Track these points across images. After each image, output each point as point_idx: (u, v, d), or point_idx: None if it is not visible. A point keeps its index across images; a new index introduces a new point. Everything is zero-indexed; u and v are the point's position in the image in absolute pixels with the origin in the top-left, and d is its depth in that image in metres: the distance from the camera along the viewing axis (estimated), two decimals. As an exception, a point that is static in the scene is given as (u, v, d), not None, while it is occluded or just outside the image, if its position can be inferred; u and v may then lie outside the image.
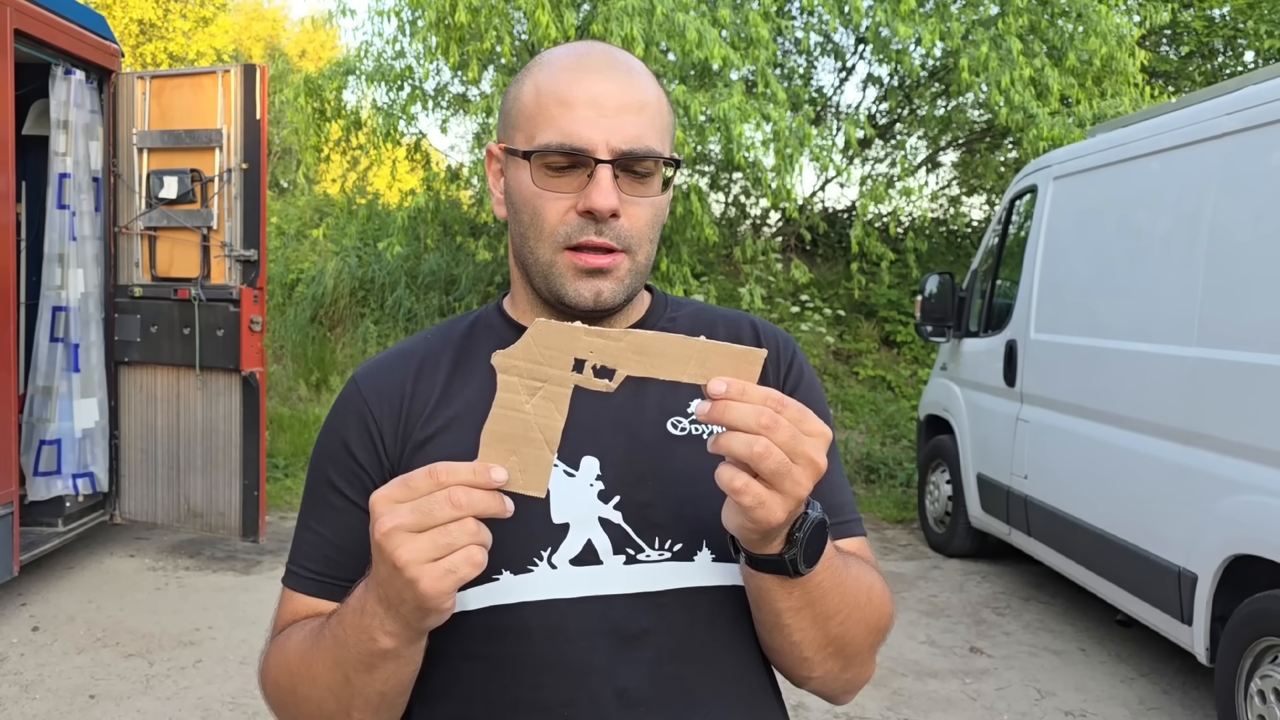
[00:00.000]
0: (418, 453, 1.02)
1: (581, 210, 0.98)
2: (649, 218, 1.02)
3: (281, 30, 23.70)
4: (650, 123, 1.01)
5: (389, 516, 0.82)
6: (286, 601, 1.07)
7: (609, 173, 0.97)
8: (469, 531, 0.81)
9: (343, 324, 9.78)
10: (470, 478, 0.82)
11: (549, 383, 0.85)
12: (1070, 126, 7.74)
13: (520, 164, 1.02)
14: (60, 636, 4.37)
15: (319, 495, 1.07)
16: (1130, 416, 4.05)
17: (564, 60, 1.03)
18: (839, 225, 10.62)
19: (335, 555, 1.05)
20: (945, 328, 5.97)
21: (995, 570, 5.74)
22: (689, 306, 1.18)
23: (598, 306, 1.01)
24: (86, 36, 5.09)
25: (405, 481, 0.83)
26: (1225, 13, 11.21)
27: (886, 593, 1.07)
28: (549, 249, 1.01)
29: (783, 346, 1.14)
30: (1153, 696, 4.08)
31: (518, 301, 1.12)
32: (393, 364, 1.10)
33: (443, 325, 1.16)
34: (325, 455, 1.08)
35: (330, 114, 8.76)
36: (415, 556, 0.81)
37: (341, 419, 1.08)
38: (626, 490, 1.01)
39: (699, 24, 6.85)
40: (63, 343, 5.15)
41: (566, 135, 0.98)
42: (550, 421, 0.85)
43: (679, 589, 1.00)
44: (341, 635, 0.92)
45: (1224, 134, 3.65)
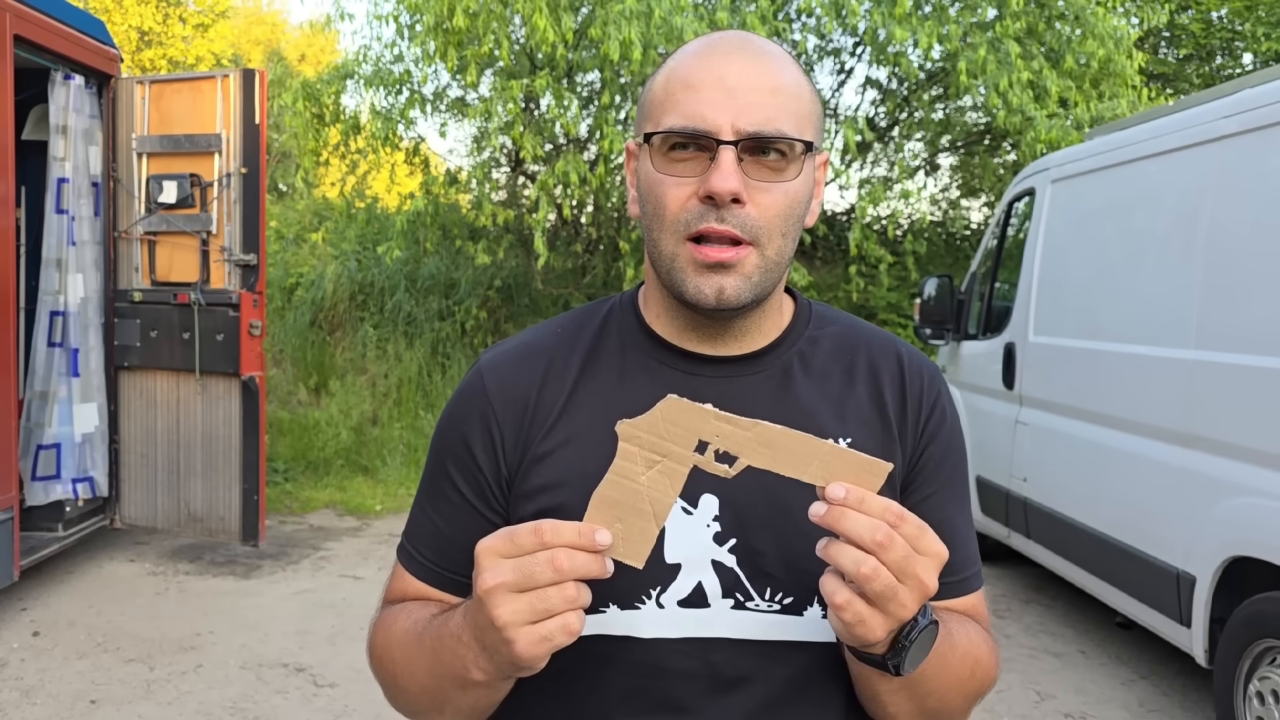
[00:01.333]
0: (536, 466, 1.00)
1: (703, 195, 0.92)
2: (781, 207, 0.94)
3: (281, 34, 23.72)
4: (784, 106, 0.94)
5: (492, 573, 0.82)
6: (399, 576, 1.08)
7: (732, 154, 0.91)
8: (568, 598, 0.81)
9: (342, 328, 9.79)
10: (575, 539, 0.82)
11: (668, 459, 0.84)
12: (1068, 129, 7.75)
13: (646, 152, 0.97)
14: (61, 641, 4.37)
15: (437, 483, 1.06)
16: (1129, 419, 4.05)
17: (695, 47, 0.99)
18: (838, 228, 10.63)
19: (446, 547, 1.05)
20: (944, 330, 5.97)
21: (995, 573, 5.74)
22: (835, 325, 1.10)
23: (720, 305, 0.95)
24: (86, 41, 5.10)
25: (511, 536, 0.83)
26: (1223, 15, 11.22)
27: (992, 657, 1.05)
28: (671, 239, 0.95)
29: (927, 384, 1.08)
30: (1152, 699, 4.08)
31: (650, 302, 1.07)
32: (521, 361, 1.06)
33: (575, 317, 1.11)
34: (446, 447, 1.06)
35: (329, 118, 8.77)
36: (514, 619, 0.81)
37: (465, 413, 1.05)
38: (743, 534, 0.97)
39: (697, 27, 6.87)
40: (61, 347, 5.15)
41: (689, 117, 0.93)
42: (662, 496, 0.85)
43: (784, 641, 0.98)
44: (439, 650, 0.93)
45: (1222, 136, 3.65)
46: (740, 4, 7.90)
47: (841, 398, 1.04)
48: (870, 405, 1.04)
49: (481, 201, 8.35)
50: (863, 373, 1.06)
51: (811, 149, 0.96)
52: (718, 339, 1.02)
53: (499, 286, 9.57)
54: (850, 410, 1.04)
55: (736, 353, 1.03)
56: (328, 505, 7.01)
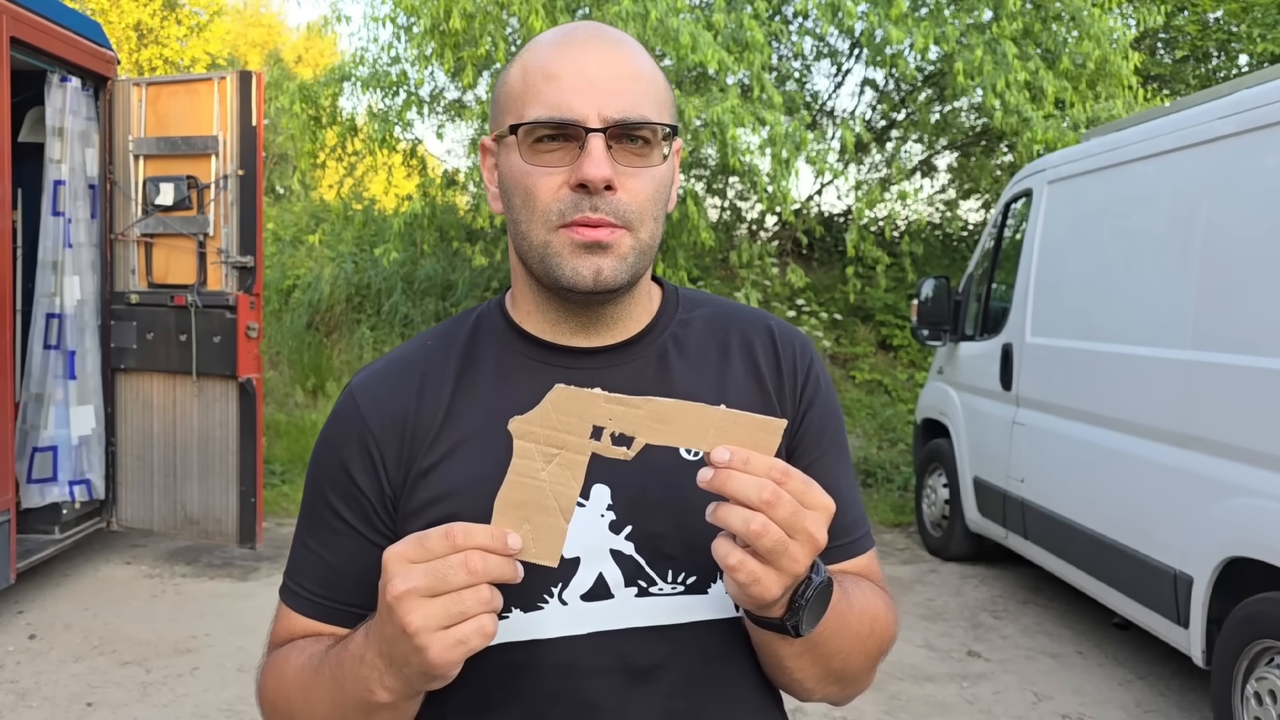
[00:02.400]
0: (422, 480, 0.99)
1: (574, 183, 0.92)
2: (650, 191, 0.95)
3: (279, 36, 23.71)
4: (645, 92, 0.95)
5: (402, 578, 0.80)
6: (284, 617, 1.05)
7: (601, 142, 0.91)
8: (482, 599, 0.80)
9: (339, 330, 9.78)
10: (487, 542, 0.81)
11: (565, 449, 0.84)
12: (1065, 130, 7.75)
13: (509, 145, 0.96)
14: (57, 644, 4.37)
15: (317, 514, 1.04)
16: (1126, 420, 4.06)
17: (551, 38, 0.98)
18: (835, 229, 10.63)
19: (333, 578, 1.02)
20: (941, 331, 5.97)
21: (992, 574, 5.74)
22: (704, 307, 1.11)
23: (598, 286, 0.94)
24: (82, 44, 5.09)
25: (420, 541, 0.81)
26: (1219, 16, 11.24)
27: (890, 614, 1.06)
28: (542, 229, 0.94)
29: (799, 352, 1.09)
30: (1150, 699, 4.08)
31: (519, 300, 1.06)
32: (394, 378, 1.04)
33: (443, 330, 1.10)
34: (324, 474, 1.03)
35: (326, 121, 8.77)
36: (426, 624, 0.79)
37: (340, 437, 1.03)
38: (639, 520, 0.97)
39: (693, 28, 6.87)
40: (58, 350, 5.15)
41: (554, 107, 0.92)
42: (566, 489, 0.84)
43: (692, 623, 0.98)
44: (340, 678, 0.90)
45: (1218, 137, 3.66)
46: (736, 4, 7.91)
47: (719, 375, 1.04)
48: (748, 378, 1.05)
49: (479, 203, 8.35)
50: (737, 349, 1.07)
51: (675, 133, 0.97)
52: (591, 329, 1.02)
53: (496, 288, 9.56)
54: (730, 386, 1.04)
55: (610, 342, 1.03)
56: (325, 507, 6.99)
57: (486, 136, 1.04)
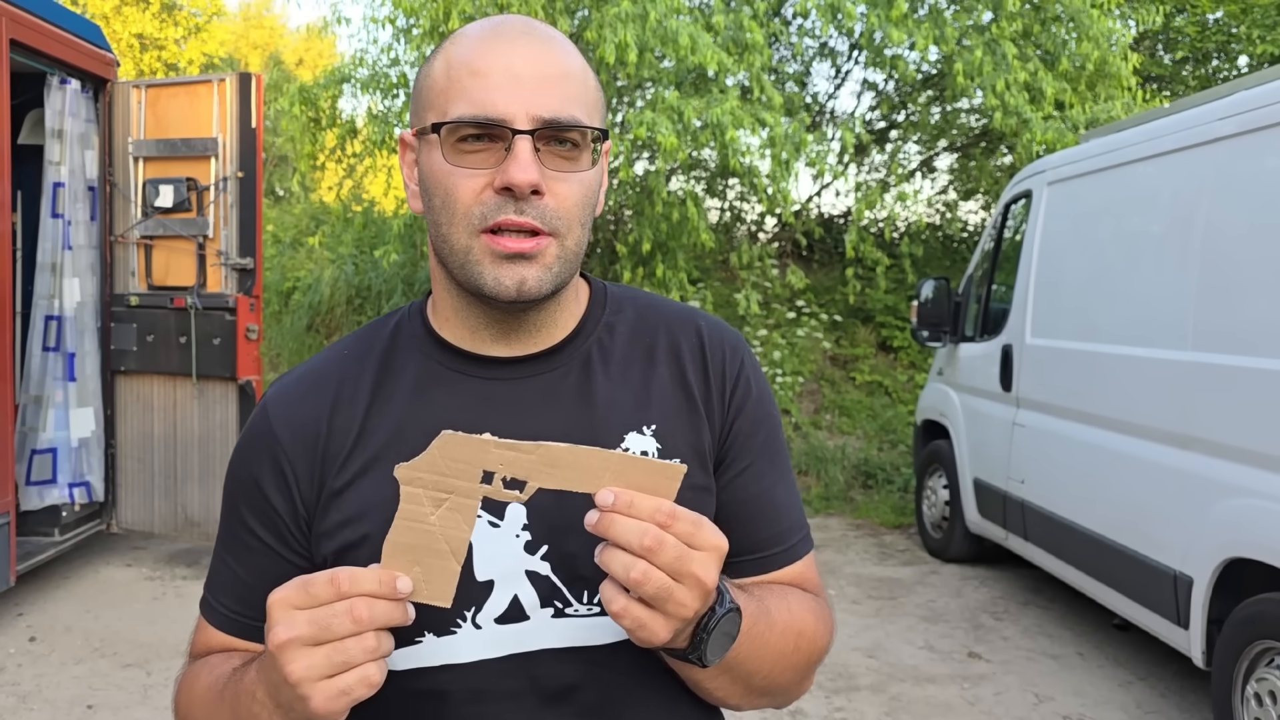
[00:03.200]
0: (334, 500, 0.96)
1: (499, 187, 0.88)
2: (578, 197, 0.92)
3: (279, 39, 23.73)
4: (575, 93, 0.91)
5: (285, 626, 0.78)
6: (201, 630, 1.04)
7: (528, 144, 0.87)
8: (367, 649, 0.78)
9: (339, 332, 9.78)
10: (374, 588, 0.79)
11: (455, 494, 0.81)
12: (1064, 131, 7.76)
13: (430, 143, 0.92)
14: (58, 647, 4.37)
15: (232, 529, 1.01)
16: (1126, 421, 4.06)
17: (477, 31, 0.94)
18: (835, 230, 10.64)
19: (247, 595, 0.99)
20: (941, 333, 5.97)
21: (993, 575, 5.74)
22: (631, 306, 1.06)
23: (521, 296, 0.91)
24: (82, 46, 5.09)
25: (305, 586, 0.79)
26: (1219, 17, 11.24)
27: (821, 624, 1.02)
28: (464, 232, 0.90)
29: (729, 355, 1.05)
30: (1150, 700, 4.08)
31: (439, 305, 1.01)
32: (306, 392, 1.00)
33: (361, 336, 1.05)
34: (238, 489, 1.01)
35: (325, 123, 8.77)
36: (308, 674, 0.78)
37: (254, 454, 1.00)
38: (555, 540, 0.94)
39: (692, 29, 6.87)
40: (57, 352, 5.15)
41: (480, 106, 0.88)
42: (457, 533, 0.82)
43: (607, 644, 0.95)
44: (236, 708, 0.89)
45: (1217, 138, 3.66)
46: (736, 7, 7.91)
47: (644, 383, 1.01)
48: (674, 386, 1.01)
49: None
50: (664, 353, 1.03)
51: (605, 136, 0.94)
52: (512, 336, 0.99)
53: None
54: (654, 395, 1.00)
55: (533, 350, 0.99)
56: (325, 509, 7.00)
57: (405, 130, 0.99)
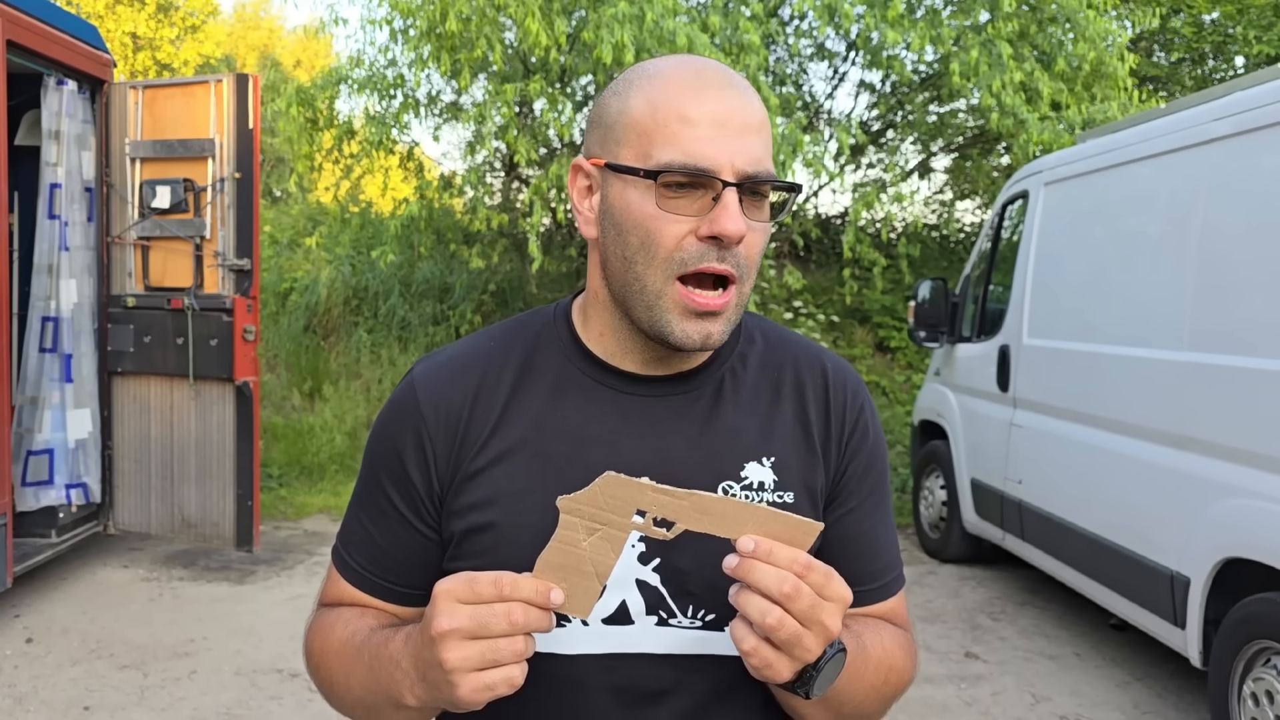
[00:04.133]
0: (468, 483, 1.02)
1: (705, 235, 0.93)
2: (761, 245, 0.98)
3: (276, 39, 23.70)
4: (766, 145, 0.96)
5: (448, 617, 0.84)
6: (334, 580, 1.10)
7: (735, 196, 0.92)
8: (515, 651, 0.84)
9: (336, 333, 9.77)
10: (531, 596, 0.85)
11: (609, 526, 0.87)
12: (1061, 132, 7.77)
13: (630, 182, 0.95)
14: (54, 648, 4.36)
15: (371, 493, 1.07)
16: (1123, 421, 4.06)
17: (680, 75, 0.97)
18: (832, 231, 10.64)
19: (380, 557, 1.06)
20: (939, 333, 5.98)
21: (990, 575, 5.75)
22: (762, 337, 1.12)
23: (706, 347, 0.97)
24: (79, 47, 5.09)
25: (470, 583, 0.85)
26: (1215, 18, 11.25)
27: (908, 659, 1.08)
28: (661, 276, 0.95)
29: (850, 400, 1.10)
30: (1147, 700, 4.09)
31: (592, 321, 1.05)
32: (454, 375, 1.06)
33: (506, 329, 1.11)
34: (379, 458, 1.07)
35: (323, 123, 8.76)
36: (462, 665, 0.84)
37: (398, 426, 1.05)
38: (667, 554, 1.00)
39: (689, 30, 6.87)
40: (54, 353, 5.14)
41: (691, 155, 0.92)
42: (604, 559, 0.88)
43: (705, 655, 1.00)
44: (376, 670, 0.95)
45: (1214, 139, 3.66)
46: (733, 8, 7.91)
47: (768, 416, 1.06)
48: (795, 423, 1.07)
49: (476, 206, 8.35)
50: (789, 389, 1.08)
51: (796, 190, 0.99)
52: (660, 363, 1.04)
53: (493, 291, 9.56)
54: (776, 429, 1.06)
55: (671, 372, 1.04)
56: (322, 510, 7.00)
57: (582, 157, 1.03)
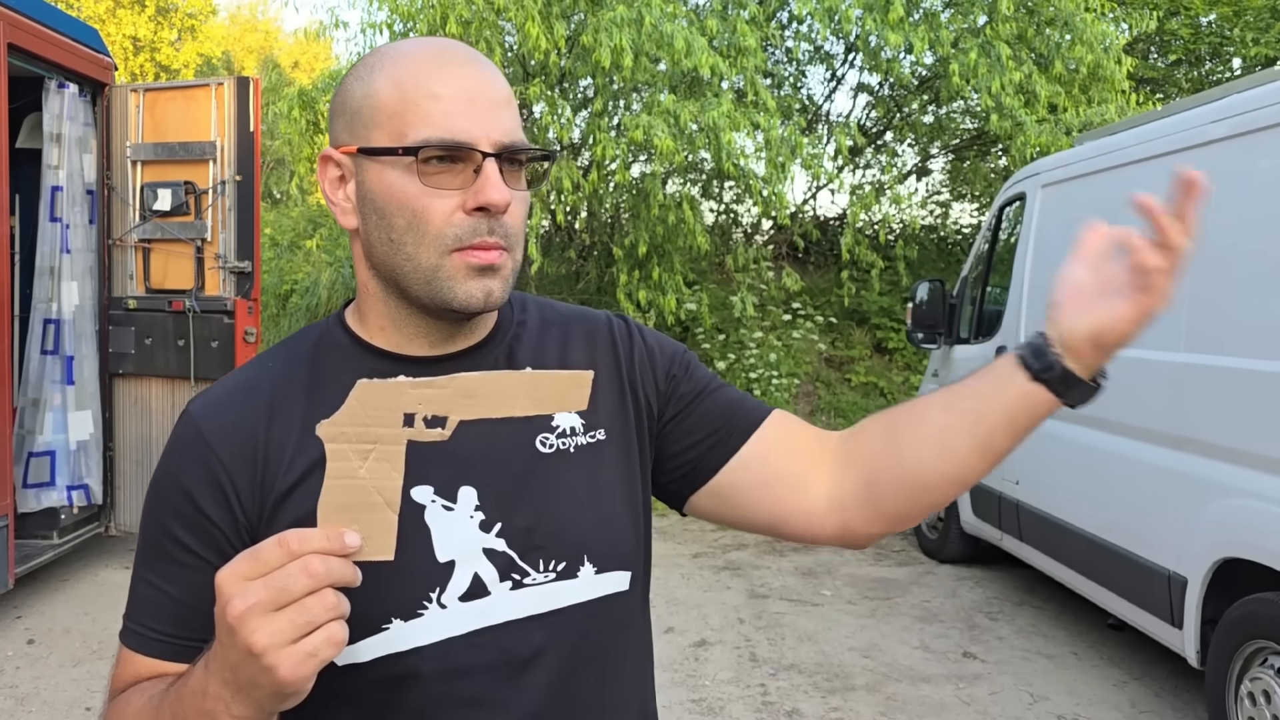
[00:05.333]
0: (282, 505, 0.95)
1: (472, 208, 0.93)
2: (523, 214, 0.99)
3: (276, 42, 23.72)
4: (515, 118, 0.97)
5: (241, 597, 0.76)
6: (127, 661, 0.97)
7: (495, 166, 0.92)
8: (328, 605, 0.76)
9: (336, 334, 9.78)
10: (324, 544, 0.77)
11: (380, 443, 0.82)
12: (1058, 134, 7.79)
13: (387, 164, 0.94)
14: (56, 649, 4.37)
15: (160, 549, 0.97)
16: (1119, 421, 4.08)
17: (422, 54, 0.96)
18: (830, 233, 10.67)
19: (183, 614, 0.95)
20: (936, 335, 6.00)
21: (988, 575, 5.76)
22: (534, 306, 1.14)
23: (489, 306, 0.96)
24: (80, 50, 5.11)
25: (254, 555, 0.77)
26: (1212, 20, 11.28)
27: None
28: (434, 252, 0.94)
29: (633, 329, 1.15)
30: (1145, 700, 4.10)
31: (370, 316, 1.03)
32: (240, 403, 0.99)
33: (281, 350, 1.06)
34: (166, 506, 0.97)
35: (324, 126, 8.79)
36: (274, 640, 0.75)
37: (183, 467, 0.97)
38: (507, 516, 0.98)
39: (687, 33, 6.90)
40: (56, 355, 5.16)
41: (447, 130, 0.92)
42: (388, 482, 0.82)
43: (566, 607, 1.00)
44: (181, 715, 0.85)
45: (1210, 141, 3.68)
46: (731, 11, 7.93)
47: (563, 365, 1.08)
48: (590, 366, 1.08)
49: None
50: (577, 339, 1.11)
51: (551, 159, 1.01)
52: (448, 341, 1.03)
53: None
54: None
55: (459, 349, 1.04)
56: (322, 512, 7.01)
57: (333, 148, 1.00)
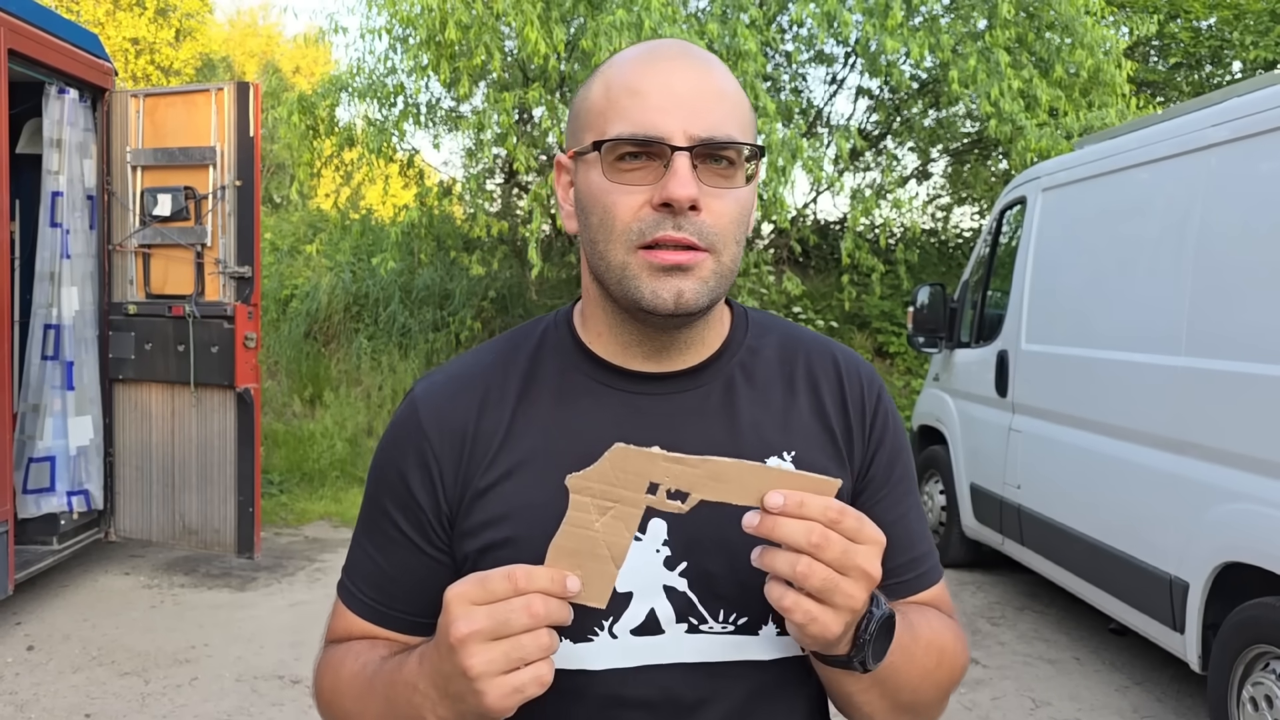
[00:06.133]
0: (479, 500, 0.98)
1: (657, 203, 0.90)
2: (733, 214, 0.93)
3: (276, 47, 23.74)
4: (731, 111, 0.93)
5: (465, 621, 0.80)
6: (340, 614, 1.05)
7: (687, 161, 0.89)
8: (542, 645, 0.80)
9: (337, 339, 9.79)
10: (548, 585, 0.81)
11: (621, 503, 0.84)
12: (1058, 138, 7.79)
13: (589, 163, 0.94)
14: (55, 655, 4.37)
15: (375, 520, 1.04)
16: (1121, 426, 4.07)
17: (635, 54, 0.96)
18: (831, 237, 10.67)
19: (388, 585, 1.02)
20: (937, 339, 5.99)
21: (989, 580, 5.76)
22: (773, 333, 1.09)
23: (679, 309, 0.92)
24: (80, 55, 5.11)
25: (483, 582, 0.82)
26: (1212, 23, 11.29)
27: (959, 644, 1.05)
28: (621, 249, 0.92)
29: (867, 388, 1.07)
30: (1147, 704, 4.09)
31: (590, 320, 1.03)
32: (456, 392, 1.03)
33: (507, 341, 1.08)
34: (382, 483, 1.03)
35: (323, 131, 8.79)
36: (487, 669, 0.80)
37: (400, 448, 1.02)
38: (694, 558, 0.96)
39: (686, 37, 6.90)
40: (56, 360, 5.15)
41: (639, 125, 0.90)
42: (618, 539, 0.84)
43: (740, 662, 0.97)
44: (392, 698, 0.91)
45: (1210, 145, 3.68)
46: (731, 15, 7.94)
47: (784, 409, 1.03)
48: (812, 416, 1.04)
49: (476, 213, 8.37)
50: (802, 382, 1.05)
51: (762, 154, 0.96)
52: (662, 354, 1.00)
53: (493, 297, 9.58)
54: (794, 422, 1.03)
55: (679, 367, 1.01)
56: (323, 517, 7.01)
57: (562, 154, 1.01)
